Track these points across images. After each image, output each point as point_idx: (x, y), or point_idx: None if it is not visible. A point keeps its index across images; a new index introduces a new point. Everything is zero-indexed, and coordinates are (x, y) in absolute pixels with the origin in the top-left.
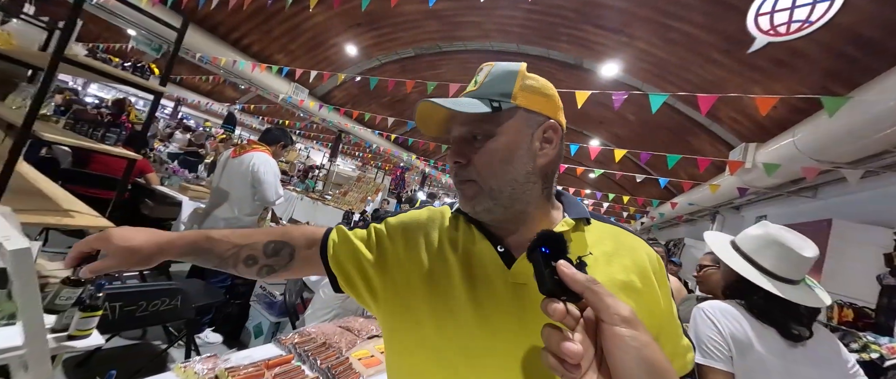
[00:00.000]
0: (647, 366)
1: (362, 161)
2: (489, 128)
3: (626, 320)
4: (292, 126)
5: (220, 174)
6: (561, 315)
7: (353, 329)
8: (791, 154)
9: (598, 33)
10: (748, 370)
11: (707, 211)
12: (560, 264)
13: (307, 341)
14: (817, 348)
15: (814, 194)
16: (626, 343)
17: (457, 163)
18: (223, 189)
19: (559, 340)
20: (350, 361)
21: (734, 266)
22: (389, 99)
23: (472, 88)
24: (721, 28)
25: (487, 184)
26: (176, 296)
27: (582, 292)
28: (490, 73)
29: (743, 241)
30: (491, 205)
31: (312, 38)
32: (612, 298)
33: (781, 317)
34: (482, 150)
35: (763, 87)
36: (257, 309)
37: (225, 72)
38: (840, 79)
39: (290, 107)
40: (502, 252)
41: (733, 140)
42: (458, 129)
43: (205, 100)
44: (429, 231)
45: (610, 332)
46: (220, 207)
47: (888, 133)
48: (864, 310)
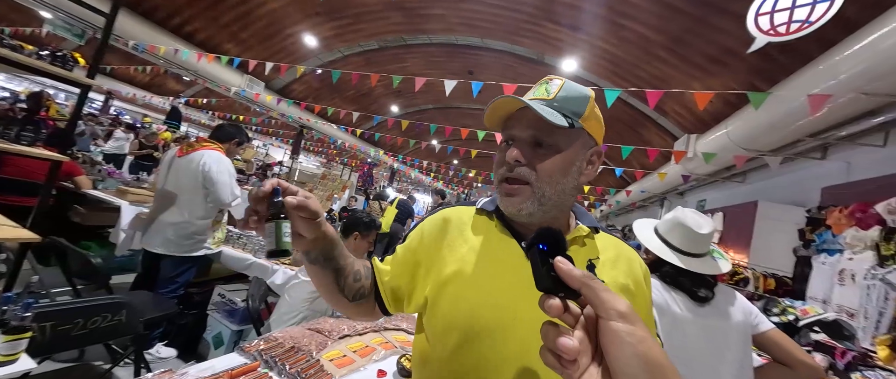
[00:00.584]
0: (643, 361)
1: (327, 158)
2: (557, 140)
3: (623, 316)
4: (248, 121)
5: (165, 175)
6: (558, 311)
7: (324, 330)
8: (725, 144)
9: (558, 30)
10: (667, 327)
11: (656, 197)
12: (557, 260)
13: (274, 347)
14: (721, 304)
15: (743, 179)
16: (622, 339)
17: (516, 161)
18: (169, 191)
19: (556, 336)
20: (321, 364)
21: (649, 246)
22: (354, 93)
23: (544, 97)
24: (668, 28)
25: (542, 190)
26: (119, 310)
27: (579, 288)
28: (564, 89)
29: (660, 225)
30: (535, 209)
31: (266, 27)
32: (608, 294)
33: (688, 283)
34: (548, 158)
35: (701, 83)
36: (216, 318)
37: (166, 62)
38: (763, 76)
39: (245, 101)
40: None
41: (678, 132)
42: (525, 132)
43: (141, 93)
44: (462, 230)
45: (607, 327)
46: (168, 210)
47: (801, 124)
48: (784, 279)
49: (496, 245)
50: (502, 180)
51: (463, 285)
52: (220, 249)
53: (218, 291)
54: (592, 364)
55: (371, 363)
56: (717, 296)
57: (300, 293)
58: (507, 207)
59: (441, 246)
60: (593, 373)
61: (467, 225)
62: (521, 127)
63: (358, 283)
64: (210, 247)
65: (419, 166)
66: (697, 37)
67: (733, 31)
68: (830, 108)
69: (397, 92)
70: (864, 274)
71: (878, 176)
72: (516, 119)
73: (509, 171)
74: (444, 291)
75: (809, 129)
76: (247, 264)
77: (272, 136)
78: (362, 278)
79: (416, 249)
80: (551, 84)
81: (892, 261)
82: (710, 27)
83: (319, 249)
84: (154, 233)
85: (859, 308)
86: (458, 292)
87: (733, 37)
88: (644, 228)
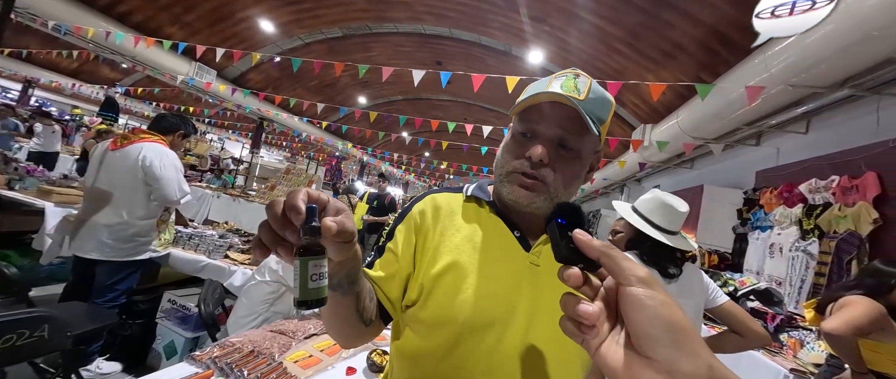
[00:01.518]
0: (665, 323)
1: (292, 152)
2: (581, 145)
3: (643, 280)
4: (199, 113)
5: (95, 172)
6: (576, 280)
7: (288, 331)
8: (675, 133)
9: (524, 22)
10: None
11: (617, 184)
12: (576, 232)
13: (230, 352)
14: (685, 282)
15: (692, 165)
16: (643, 302)
17: (541, 161)
18: (102, 189)
19: (575, 304)
20: (284, 366)
21: (637, 225)
22: (318, 83)
23: (574, 95)
24: (624, 21)
25: (557, 192)
26: (39, 325)
27: (598, 258)
28: (592, 91)
29: (640, 204)
30: (544, 204)
31: (215, 10)
32: (628, 262)
33: (663, 259)
34: (570, 163)
35: (655, 76)
36: (166, 326)
37: (96, 46)
38: (708, 69)
39: (194, 90)
40: (519, 237)
41: (635, 122)
42: (552, 130)
43: (69, 81)
44: (453, 218)
45: (627, 293)
46: (101, 211)
47: (739, 114)
48: (725, 255)
49: (490, 234)
50: (519, 172)
51: (459, 276)
52: (167, 251)
53: (167, 297)
54: (611, 333)
55: (339, 361)
56: (683, 273)
57: (259, 294)
58: (519, 198)
59: (434, 233)
60: (613, 341)
61: (457, 212)
62: (548, 124)
63: (373, 302)
64: (156, 249)
65: (390, 159)
66: (651, 32)
67: (681, 27)
68: (763, 99)
69: (364, 82)
70: (789, 247)
71: (802, 160)
72: (544, 114)
73: (531, 167)
74: (439, 283)
75: (746, 118)
76: (200, 267)
77: (229, 130)
78: (373, 294)
79: (409, 238)
80: (580, 81)
81: (811, 234)
82: (661, 22)
83: (345, 273)
84: (85, 237)
85: (785, 277)
86: (454, 284)
87: (681, 32)
88: (624, 208)
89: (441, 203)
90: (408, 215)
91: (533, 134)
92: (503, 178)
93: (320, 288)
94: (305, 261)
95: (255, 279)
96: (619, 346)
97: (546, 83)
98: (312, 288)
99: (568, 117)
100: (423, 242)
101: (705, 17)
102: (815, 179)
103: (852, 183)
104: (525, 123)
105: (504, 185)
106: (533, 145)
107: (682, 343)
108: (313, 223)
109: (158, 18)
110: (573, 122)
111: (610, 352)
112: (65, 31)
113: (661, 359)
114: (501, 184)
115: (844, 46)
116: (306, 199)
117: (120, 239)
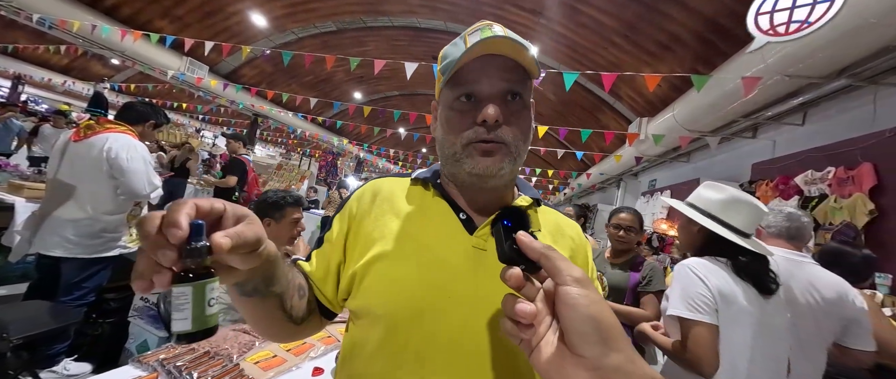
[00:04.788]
0: (594, 320)
1: (287, 148)
2: (524, 92)
3: (577, 280)
4: (193, 109)
5: (57, 163)
6: (517, 280)
7: (252, 330)
8: (671, 126)
9: (520, 14)
10: (730, 321)
11: (613, 179)
12: (519, 234)
13: (180, 354)
14: (779, 299)
15: (688, 159)
16: (575, 300)
17: (496, 122)
18: (64, 182)
19: (513, 303)
20: (241, 368)
21: (717, 230)
22: (312, 78)
23: (502, 34)
24: (622, 14)
25: (518, 149)
26: None
27: (538, 259)
28: (508, 34)
29: (709, 204)
30: (510, 168)
31: (205, 4)
32: (565, 262)
33: (760, 272)
34: (520, 114)
35: (651, 68)
36: (139, 325)
37: (84, 41)
38: (704, 61)
39: (184, 86)
40: (464, 219)
41: (631, 115)
42: (498, 85)
43: (61, 77)
44: (393, 202)
45: (562, 292)
46: (64, 205)
47: (735, 106)
48: None
49: (431, 218)
50: (476, 142)
51: (391, 263)
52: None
53: (140, 295)
54: (549, 331)
55: (307, 361)
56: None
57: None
58: (487, 167)
59: (368, 219)
60: (550, 339)
61: (399, 196)
62: (490, 79)
63: (304, 298)
64: (127, 245)
65: (386, 155)
66: (648, 23)
67: (679, 18)
68: (759, 90)
69: (359, 77)
70: None
71: (798, 151)
72: (484, 70)
73: (487, 131)
74: (369, 271)
75: (742, 110)
76: None
77: (223, 126)
78: (306, 290)
79: (342, 227)
80: (495, 28)
81: None
82: (659, 14)
83: (260, 276)
84: (48, 232)
85: None
86: (384, 271)
87: (678, 23)
88: (685, 208)
89: (382, 188)
90: (346, 204)
91: (475, 95)
92: (460, 155)
93: (213, 316)
94: (189, 287)
95: None
96: (552, 345)
97: (464, 42)
98: (208, 316)
99: (506, 67)
100: (358, 228)
101: (703, 8)
102: (810, 171)
103: (848, 174)
104: (461, 87)
105: (464, 162)
106: (482, 108)
107: (608, 340)
108: (198, 243)
109: (148, 12)
110: (512, 70)
111: (544, 351)
112: (49, 25)
113: (589, 355)
114: (458, 162)
115: (841, 35)
116: (192, 212)
117: (86, 235)
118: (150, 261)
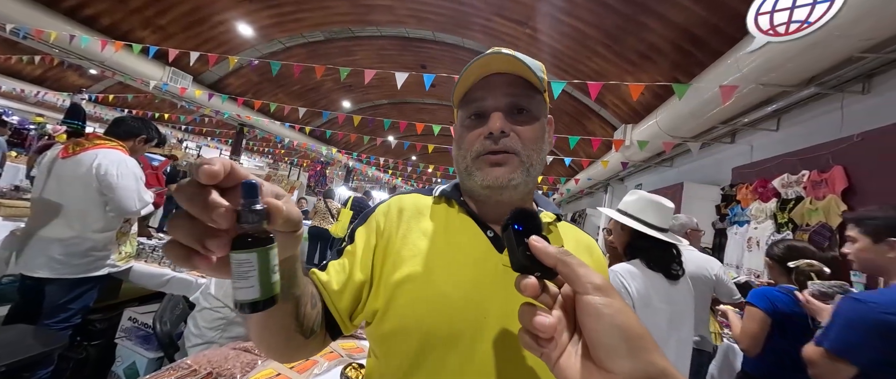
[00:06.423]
0: (621, 331)
1: (274, 158)
2: (533, 106)
3: (599, 288)
4: (176, 120)
5: (43, 181)
6: (534, 290)
7: (253, 349)
8: (655, 132)
9: (506, 25)
10: (646, 320)
11: (601, 184)
12: (532, 239)
13: (184, 376)
14: (685, 280)
15: (671, 164)
16: (599, 310)
17: (502, 132)
18: (51, 201)
19: (532, 315)
20: None
21: (634, 226)
22: (300, 87)
23: (510, 53)
24: (602, 24)
25: (530, 158)
26: None
27: (554, 266)
28: (508, 52)
29: (627, 206)
30: (523, 179)
31: (190, 13)
32: (584, 269)
33: (667, 261)
34: (528, 125)
35: (634, 77)
36: (127, 347)
37: (61, 51)
38: (683, 70)
39: (168, 96)
40: (492, 237)
41: (616, 122)
42: (503, 99)
43: (33, 88)
44: (419, 219)
45: (583, 301)
46: (50, 224)
47: (714, 112)
48: (706, 250)
49: (460, 236)
50: (484, 153)
51: (423, 282)
52: (129, 265)
53: (128, 315)
54: (571, 343)
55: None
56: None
57: (205, 321)
58: (496, 178)
59: (397, 236)
60: (572, 352)
61: (425, 214)
62: (495, 95)
63: (315, 308)
64: (116, 263)
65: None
66: (628, 34)
67: (657, 29)
68: (737, 98)
69: (348, 86)
70: (765, 240)
71: (774, 156)
72: (488, 88)
73: (494, 142)
74: (400, 290)
75: (721, 116)
76: (164, 280)
77: (207, 136)
78: (318, 300)
79: (369, 242)
80: (504, 50)
81: (786, 227)
82: (636, 24)
83: (285, 270)
84: (33, 253)
85: (763, 269)
86: (417, 291)
87: (657, 34)
88: (612, 212)
89: (407, 204)
90: (370, 217)
91: (482, 112)
92: (471, 168)
93: (277, 283)
94: (253, 254)
95: (200, 305)
96: (577, 357)
97: (472, 63)
98: (273, 283)
99: (510, 83)
100: (386, 246)
101: (677, 19)
102: (786, 174)
103: (821, 177)
104: (469, 106)
105: (474, 175)
106: (487, 121)
107: (638, 351)
108: (255, 206)
109: (129, 21)
110: (516, 85)
111: (568, 364)
112: (24, 35)
113: (618, 371)
114: (471, 175)
115: (809, 45)
116: (243, 173)
117: (73, 254)
118: (194, 228)
